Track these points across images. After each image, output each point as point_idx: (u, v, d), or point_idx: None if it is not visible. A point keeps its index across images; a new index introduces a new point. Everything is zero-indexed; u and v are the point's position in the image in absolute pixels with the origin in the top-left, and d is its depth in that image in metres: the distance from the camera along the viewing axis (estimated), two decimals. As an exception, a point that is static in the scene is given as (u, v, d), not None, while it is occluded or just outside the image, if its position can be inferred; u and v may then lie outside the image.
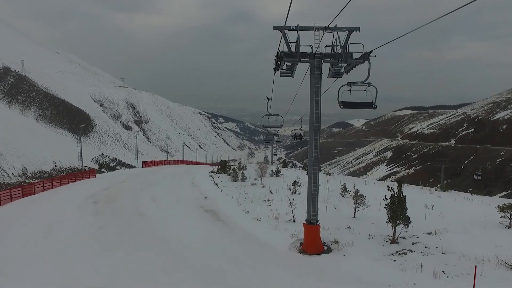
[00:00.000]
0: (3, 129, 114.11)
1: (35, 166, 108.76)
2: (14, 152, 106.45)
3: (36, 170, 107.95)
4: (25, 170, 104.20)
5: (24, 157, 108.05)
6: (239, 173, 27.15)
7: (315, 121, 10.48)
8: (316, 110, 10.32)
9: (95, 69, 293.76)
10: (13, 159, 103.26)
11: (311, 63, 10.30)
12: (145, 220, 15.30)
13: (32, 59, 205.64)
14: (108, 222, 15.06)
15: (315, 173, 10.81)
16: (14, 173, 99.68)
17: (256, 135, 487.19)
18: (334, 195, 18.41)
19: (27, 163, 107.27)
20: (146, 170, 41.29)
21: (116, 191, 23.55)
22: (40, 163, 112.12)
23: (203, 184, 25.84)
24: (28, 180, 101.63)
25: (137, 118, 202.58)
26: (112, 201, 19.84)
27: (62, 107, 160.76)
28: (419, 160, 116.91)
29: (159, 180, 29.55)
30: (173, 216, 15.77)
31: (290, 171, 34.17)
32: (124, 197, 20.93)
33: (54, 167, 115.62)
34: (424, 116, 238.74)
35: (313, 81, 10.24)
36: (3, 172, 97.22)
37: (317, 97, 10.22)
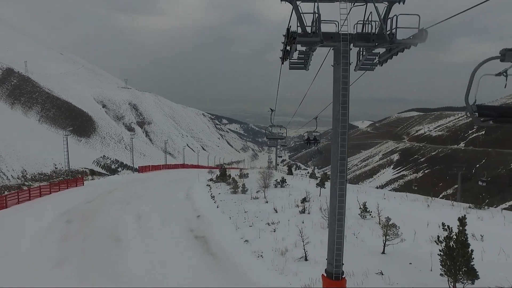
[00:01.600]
0: (4, 130, 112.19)
1: (35, 168, 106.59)
2: (14, 154, 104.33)
3: (36, 172, 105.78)
4: (24, 173, 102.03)
5: (24, 159, 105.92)
6: (239, 183, 24.01)
7: (341, 131, 7.38)
8: (342, 115, 7.23)
9: (99, 70, 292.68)
10: (13, 161, 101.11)
11: (335, 48, 7.22)
12: (119, 251, 12.30)
13: (36, 60, 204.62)
14: (72, 254, 12.09)
15: (340, 206, 7.67)
16: (14, 175, 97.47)
17: (260, 137, 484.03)
18: (352, 215, 15.22)
19: (27, 165, 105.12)
20: (140, 177, 38.30)
21: (99, 204, 20.60)
22: (40, 165, 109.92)
23: (198, 196, 22.79)
24: (28, 182, 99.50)
25: (140, 120, 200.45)
26: (89, 219, 16.88)
27: (65, 108, 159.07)
28: (427, 164, 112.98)
29: (151, 190, 26.58)
30: (155, 244, 12.76)
31: (296, 180, 30.89)
32: (104, 214, 17.95)
33: (55, 169, 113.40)
34: (431, 118, 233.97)
35: (338, 74, 7.15)
36: (2, 175, 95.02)
37: (345, 96, 7.12)
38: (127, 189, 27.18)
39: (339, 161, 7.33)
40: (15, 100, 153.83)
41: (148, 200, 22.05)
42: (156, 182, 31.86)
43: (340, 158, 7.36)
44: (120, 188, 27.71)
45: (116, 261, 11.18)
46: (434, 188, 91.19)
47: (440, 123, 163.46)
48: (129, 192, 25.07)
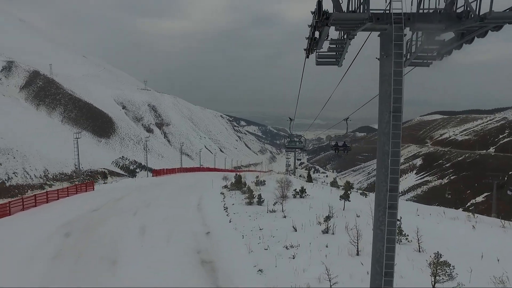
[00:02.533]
0: (28, 131, 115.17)
1: (56, 168, 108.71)
2: (37, 154, 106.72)
3: (57, 172, 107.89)
4: (46, 172, 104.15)
5: (46, 159, 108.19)
6: (255, 192, 22.02)
7: (392, 150, 5.35)
8: (395, 128, 5.22)
9: (119, 72, 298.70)
10: (36, 161, 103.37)
11: (383, 33, 5.23)
12: (110, 277, 10.65)
13: (60, 63, 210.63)
14: (58, 278, 10.55)
15: (390, 258, 5.56)
16: (36, 174, 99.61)
17: (278, 139, 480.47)
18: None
19: (49, 165, 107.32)
20: (154, 181, 37.02)
21: (104, 214, 19.20)
22: (61, 165, 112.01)
23: (210, 207, 21.02)
24: (49, 182, 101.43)
25: (158, 121, 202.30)
26: (89, 232, 15.41)
27: (86, 110, 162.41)
28: (453, 169, 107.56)
29: (161, 197, 25.07)
30: (154, 270, 11.03)
31: (317, 190, 28.58)
32: (107, 227, 16.46)
33: (75, 169, 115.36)
34: (456, 121, 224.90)
35: (388, 69, 5.16)
36: (26, 174, 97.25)
37: (398, 100, 5.11)
38: (137, 195, 25.81)
39: (388, 192, 5.28)
40: (40, 102, 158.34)
41: (157, 210, 20.49)
42: (168, 188, 30.42)
43: (391, 189, 5.32)
44: (130, 194, 26.39)
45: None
46: (461, 196, 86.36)
47: (467, 126, 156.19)
48: (139, 200, 23.66)
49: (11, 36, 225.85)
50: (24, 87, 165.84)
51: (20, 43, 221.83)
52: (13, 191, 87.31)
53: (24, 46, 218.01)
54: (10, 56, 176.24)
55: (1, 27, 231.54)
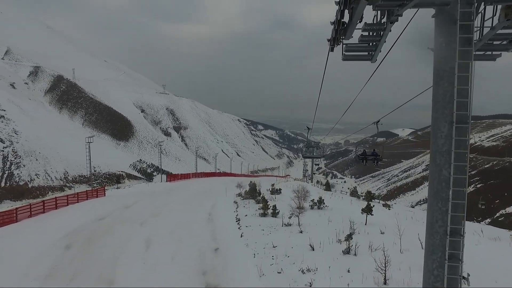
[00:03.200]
0: (50, 133, 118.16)
1: (76, 171, 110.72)
2: (58, 156, 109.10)
3: (76, 175, 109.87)
4: (66, 174, 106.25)
5: (66, 161, 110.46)
6: (270, 203, 20.52)
7: (456, 164, 3.83)
8: (459, 133, 3.73)
9: (139, 76, 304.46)
10: (57, 163, 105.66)
11: (443, 9, 3.74)
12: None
13: (82, 67, 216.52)
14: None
15: None
16: (57, 176, 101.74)
17: (295, 143, 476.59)
18: (415, 263, 11.15)
19: (69, 167, 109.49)
20: (167, 187, 36.16)
21: (110, 223, 18.26)
22: (80, 168, 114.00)
23: (222, 217, 19.73)
24: (69, 184, 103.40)
25: (176, 125, 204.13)
26: (90, 245, 14.42)
27: (106, 113, 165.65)
28: (480, 177, 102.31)
29: (172, 205, 24.03)
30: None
31: (335, 200, 26.71)
32: (110, 238, 15.46)
33: (93, 171, 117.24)
34: (481, 126, 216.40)
35: (450, 61, 3.69)
36: (47, 176, 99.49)
37: (465, 95, 3.63)
38: (148, 202, 24.88)
39: (448, 236, 3.76)
40: (63, 105, 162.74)
41: (166, 220, 19.40)
42: (181, 195, 29.39)
43: (452, 232, 3.80)
44: (141, 201, 25.49)
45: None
46: (490, 206, 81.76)
47: (494, 132, 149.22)
48: (149, 208, 22.69)
49: (40, 43, 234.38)
50: (49, 91, 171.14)
51: (47, 49, 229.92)
52: (34, 192, 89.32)
53: (51, 51, 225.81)
54: (37, 62, 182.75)
55: (32, 34, 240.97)
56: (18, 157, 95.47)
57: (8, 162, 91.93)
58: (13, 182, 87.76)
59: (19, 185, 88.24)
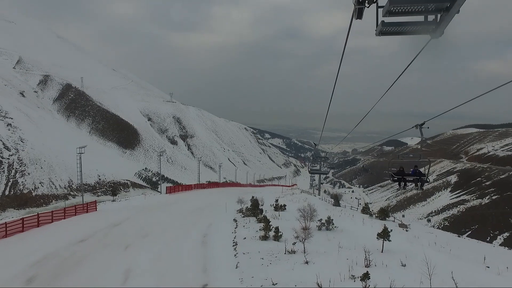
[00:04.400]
0: (56, 141, 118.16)
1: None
2: (63, 165, 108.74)
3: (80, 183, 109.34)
4: (71, 183, 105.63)
5: (71, 169, 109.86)
6: (272, 224, 18.34)
7: None
8: None
9: (147, 84, 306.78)
10: (61, 171, 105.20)
11: None
12: None
13: (90, 76, 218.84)
14: None
15: None
16: (61, 185, 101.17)
17: (303, 152, 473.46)
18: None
19: (73, 176, 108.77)
20: (164, 201, 34.03)
21: (89, 248, 16.28)
22: (85, 176, 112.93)
23: (217, 240, 17.56)
24: (73, 192, 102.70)
25: (182, 133, 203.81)
26: (57, 279, 12.55)
27: (113, 121, 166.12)
28: (495, 188, 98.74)
29: (164, 224, 21.92)
30: None
31: (346, 219, 24.10)
32: (84, 269, 13.53)
33: (98, 180, 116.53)
34: (494, 135, 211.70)
35: None
36: (51, 184, 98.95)
37: None
38: (140, 220, 22.93)
39: None
40: (71, 113, 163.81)
41: (154, 243, 17.29)
42: (177, 211, 27.37)
43: None
44: (133, 217, 23.56)
45: None
46: (507, 218, 78.33)
47: (509, 141, 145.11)
48: (138, 226, 20.72)
49: (50, 52, 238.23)
50: (57, 99, 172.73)
51: (57, 58, 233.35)
52: (38, 200, 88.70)
53: (60, 61, 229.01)
54: (47, 71, 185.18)
55: (42, 44, 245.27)
56: (23, 165, 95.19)
57: (13, 170, 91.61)
58: (17, 190, 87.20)
59: (23, 194, 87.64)
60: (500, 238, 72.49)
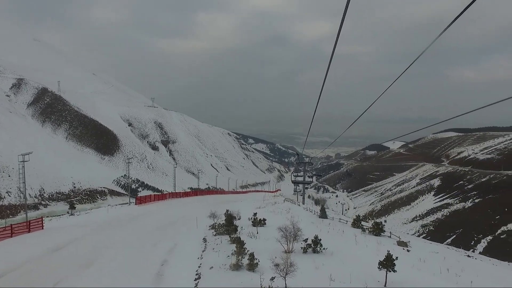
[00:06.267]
0: (27, 148, 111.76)
1: (53, 187, 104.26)
2: (34, 172, 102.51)
3: (53, 191, 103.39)
4: (42, 191, 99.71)
5: (43, 177, 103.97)
6: (246, 248, 14.87)
7: None
8: None
9: (128, 89, 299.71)
10: (32, 179, 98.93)
11: None
12: None
13: (69, 81, 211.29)
14: None
15: None
16: (31, 194, 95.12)
17: (287, 157, 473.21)
18: None
19: (46, 184, 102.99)
20: (129, 214, 29.61)
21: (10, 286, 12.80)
22: (58, 184, 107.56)
23: (176, 272, 13.95)
24: (45, 202, 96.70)
25: (164, 138, 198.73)
26: None
27: (91, 127, 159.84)
28: (477, 191, 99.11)
29: (119, 246, 18.18)
30: None
31: (335, 236, 21.16)
32: None
33: (73, 188, 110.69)
34: (472, 139, 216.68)
35: None
36: (20, 193, 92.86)
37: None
38: (90, 241, 19.03)
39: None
40: (46, 118, 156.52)
41: (94, 277, 13.62)
42: (140, 228, 23.83)
43: None
44: (83, 237, 19.77)
45: None
46: (490, 222, 78.03)
47: (488, 144, 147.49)
48: (85, 250, 16.96)
49: (24, 55, 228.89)
50: (32, 103, 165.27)
51: (32, 61, 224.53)
52: (4, 211, 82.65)
53: (36, 64, 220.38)
54: (21, 74, 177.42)
55: (15, 47, 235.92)
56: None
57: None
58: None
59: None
60: (484, 241, 71.95)
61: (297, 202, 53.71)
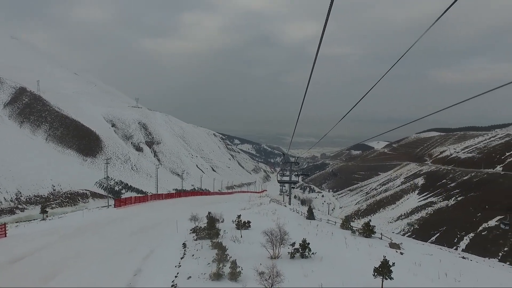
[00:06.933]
0: (3, 149, 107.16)
1: (31, 190, 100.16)
2: (10, 175, 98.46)
3: (31, 195, 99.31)
4: (19, 195, 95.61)
5: (20, 179, 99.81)
6: (229, 253, 13.86)
7: None
8: None
9: (112, 89, 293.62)
10: (7, 182, 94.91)
11: None
12: None
13: (49, 80, 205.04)
14: None
15: None
16: (7, 197, 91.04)
17: (272, 157, 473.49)
18: None
19: (23, 187, 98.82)
20: (106, 218, 27.28)
21: None
22: (37, 187, 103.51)
23: (152, 281, 12.54)
24: (21, 205, 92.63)
25: (149, 139, 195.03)
26: None
27: (73, 127, 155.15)
28: (460, 190, 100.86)
29: (91, 254, 16.23)
30: None
31: (324, 238, 19.93)
32: None
33: (52, 191, 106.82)
34: (454, 138, 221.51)
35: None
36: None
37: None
38: (58, 250, 17.37)
39: None
40: (25, 119, 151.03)
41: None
42: (115, 233, 22.23)
43: None
44: (51, 246, 17.80)
45: None
46: (472, 219, 79.30)
47: (468, 144, 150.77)
48: (50, 260, 14.77)
49: (2, 53, 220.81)
50: (9, 103, 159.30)
51: (9, 59, 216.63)
52: (-23, 216, 78.78)
53: (14, 63, 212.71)
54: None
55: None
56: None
57: None
58: (-50, 205, 77.09)
59: (-43, 209, 77.66)
60: (466, 238, 72.97)
61: (283, 202, 52.84)
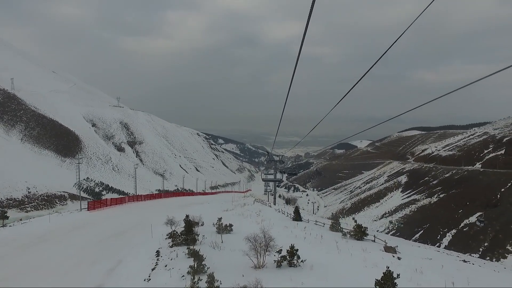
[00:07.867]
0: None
1: (4, 193, 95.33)
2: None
3: (3, 198, 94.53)
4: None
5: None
6: (206, 263, 12.34)
7: None
8: None
9: (92, 88, 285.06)
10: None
11: None
12: None
13: (24, 78, 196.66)
14: None
15: None
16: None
17: (257, 157, 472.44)
18: None
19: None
20: (76, 222, 25.06)
21: None
22: (10, 189, 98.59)
23: None
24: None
25: (131, 139, 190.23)
26: None
27: (50, 127, 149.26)
28: (442, 187, 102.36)
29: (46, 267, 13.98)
30: None
31: (312, 242, 18.41)
32: None
33: (27, 193, 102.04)
34: (434, 137, 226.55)
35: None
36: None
37: None
38: (6, 265, 15.29)
39: None
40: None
41: None
42: (82, 240, 20.12)
43: None
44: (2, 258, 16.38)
45: None
46: (454, 216, 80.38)
47: (449, 142, 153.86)
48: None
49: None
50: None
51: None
52: None
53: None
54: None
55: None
56: None
57: None
58: None
59: None
60: (449, 235, 73.88)
61: (268, 202, 51.59)
